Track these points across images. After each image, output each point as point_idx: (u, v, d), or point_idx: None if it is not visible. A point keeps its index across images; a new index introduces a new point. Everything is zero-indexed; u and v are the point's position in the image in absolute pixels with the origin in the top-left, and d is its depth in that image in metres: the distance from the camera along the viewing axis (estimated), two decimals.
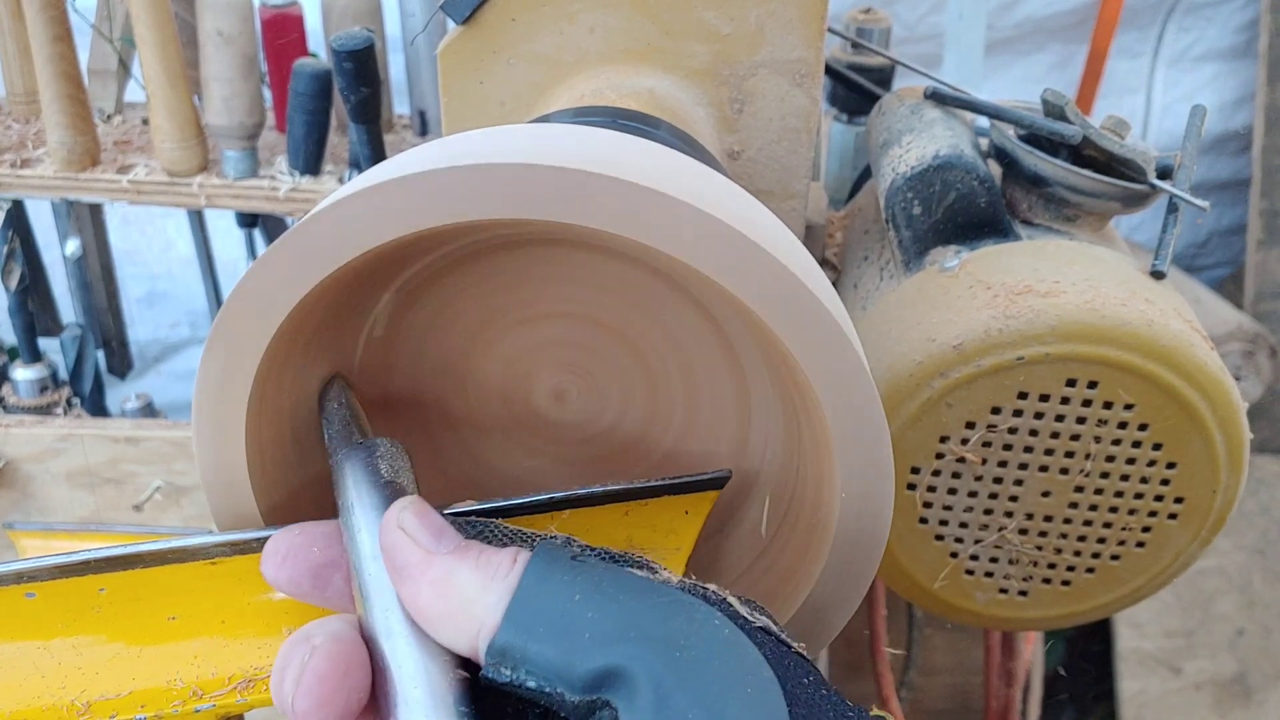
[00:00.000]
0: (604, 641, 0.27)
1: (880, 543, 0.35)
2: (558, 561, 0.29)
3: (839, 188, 0.88)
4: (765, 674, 0.27)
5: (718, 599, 0.30)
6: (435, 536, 0.30)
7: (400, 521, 0.31)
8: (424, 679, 0.29)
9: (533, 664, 0.28)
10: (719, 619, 0.28)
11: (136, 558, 0.33)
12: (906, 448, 0.54)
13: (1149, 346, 0.51)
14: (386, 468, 0.34)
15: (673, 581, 0.30)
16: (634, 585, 0.29)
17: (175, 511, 0.93)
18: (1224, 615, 1.47)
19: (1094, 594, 0.58)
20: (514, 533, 0.33)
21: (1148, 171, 0.57)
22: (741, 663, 0.27)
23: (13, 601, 0.33)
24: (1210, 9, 1.60)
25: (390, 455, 0.35)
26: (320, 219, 0.30)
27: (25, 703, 0.33)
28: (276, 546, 0.33)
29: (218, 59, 0.88)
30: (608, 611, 0.28)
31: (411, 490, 0.34)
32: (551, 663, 0.27)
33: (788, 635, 0.30)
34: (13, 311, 0.99)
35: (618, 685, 0.27)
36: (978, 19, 1.46)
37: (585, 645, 0.27)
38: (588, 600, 0.28)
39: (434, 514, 0.31)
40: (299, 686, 0.29)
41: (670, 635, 0.27)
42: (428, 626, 0.29)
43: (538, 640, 0.28)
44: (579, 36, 0.53)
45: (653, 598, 0.28)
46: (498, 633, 0.28)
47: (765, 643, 0.29)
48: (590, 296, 0.39)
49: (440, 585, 0.29)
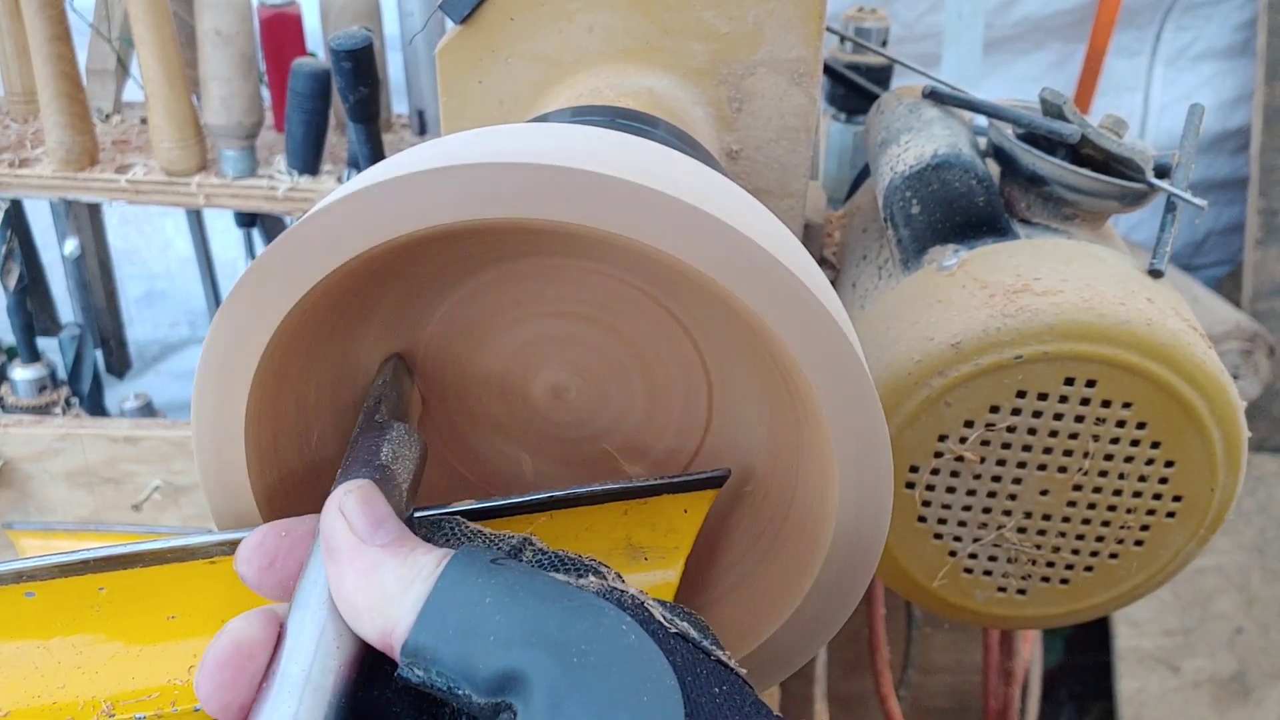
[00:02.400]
0: (506, 644, 0.27)
1: (879, 542, 0.35)
2: (475, 565, 0.29)
3: (837, 187, 0.88)
4: (667, 682, 0.27)
5: (634, 604, 0.30)
6: (373, 526, 0.31)
7: (341, 504, 0.31)
8: (308, 659, 0.29)
9: (442, 665, 0.28)
10: (627, 624, 0.28)
11: (136, 557, 0.33)
12: (905, 446, 0.54)
13: (1147, 345, 0.51)
14: (389, 451, 0.34)
15: (588, 584, 0.30)
16: (545, 590, 0.29)
17: (174, 511, 0.93)
18: (1222, 614, 1.47)
19: (1092, 592, 0.58)
20: (475, 533, 0.33)
21: (1146, 170, 0.57)
22: (642, 669, 0.27)
23: (12, 601, 0.33)
24: (1208, 8, 1.60)
25: (397, 441, 0.35)
26: (319, 218, 0.30)
27: (25, 702, 0.33)
28: (256, 551, 0.32)
29: (216, 58, 0.88)
30: (513, 615, 0.28)
31: (404, 478, 0.34)
32: (458, 664, 0.28)
33: (711, 643, 0.30)
34: (11, 311, 0.99)
35: (518, 688, 0.27)
36: (976, 18, 1.46)
37: (489, 648, 0.27)
38: (497, 603, 0.28)
39: (380, 503, 0.31)
40: (200, 672, 0.29)
41: (570, 640, 0.27)
42: (346, 613, 0.30)
43: (446, 642, 0.28)
44: (577, 36, 0.53)
45: (560, 602, 0.28)
46: (411, 633, 0.28)
47: (678, 650, 0.29)
48: (588, 295, 0.39)
49: (365, 576, 0.29)
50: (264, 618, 0.31)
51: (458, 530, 0.34)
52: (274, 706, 0.29)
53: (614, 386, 0.41)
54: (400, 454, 0.35)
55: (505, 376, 0.41)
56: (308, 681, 0.29)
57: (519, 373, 0.41)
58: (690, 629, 0.30)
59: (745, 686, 0.29)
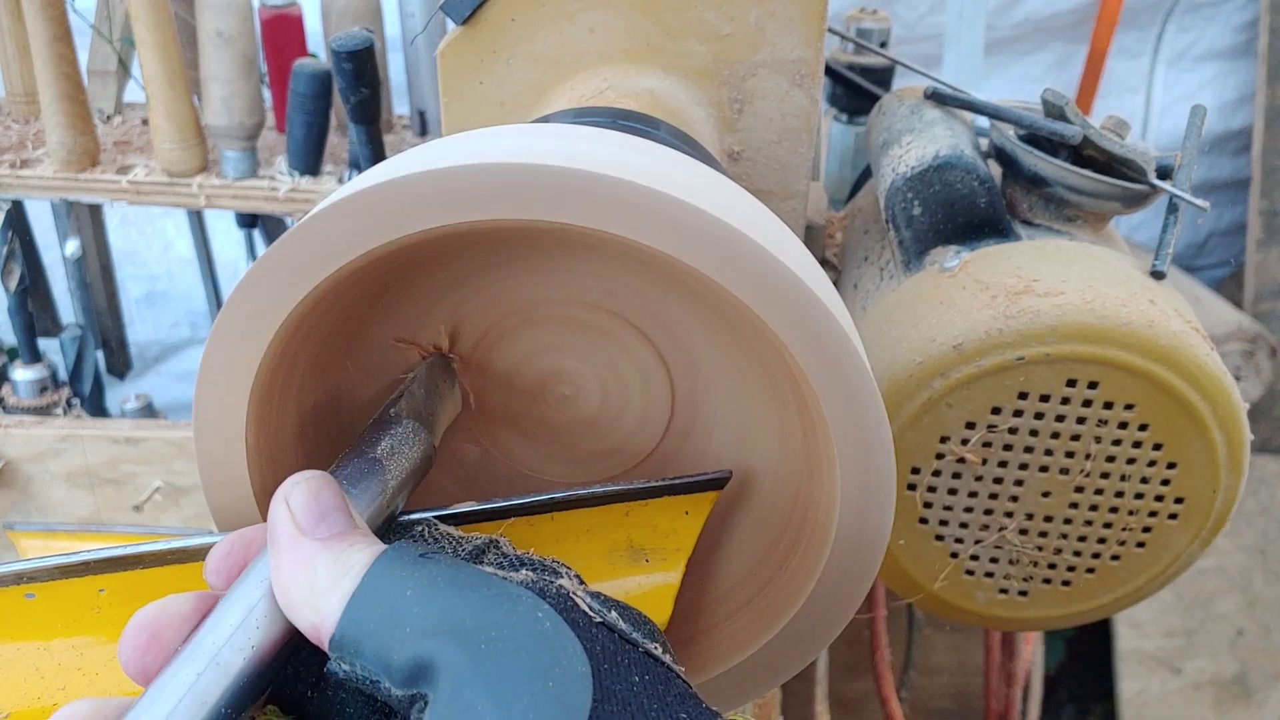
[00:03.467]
0: (420, 635, 0.27)
1: (881, 544, 0.35)
2: (402, 560, 0.29)
3: (839, 188, 0.88)
4: (578, 669, 0.27)
5: (557, 593, 0.30)
6: (315, 520, 0.31)
7: (288, 495, 0.31)
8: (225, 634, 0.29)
9: (364, 658, 0.28)
10: (542, 612, 0.28)
11: (136, 558, 0.33)
12: (907, 448, 0.54)
13: (1149, 347, 0.51)
14: (387, 446, 0.34)
15: (517, 577, 0.30)
16: (466, 580, 0.29)
17: (175, 512, 0.93)
18: (1224, 615, 1.47)
19: (1094, 594, 0.58)
20: (444, 535, 0.34)
21: (1148, 171, 0.57)
22: (552, 656, 0.27)
23: (13, 602, 0.33)
24: (1210, 9, 1.60)
25: (401, 437, 0.35)
26: (320, 219, 0.30)
27: (25, 703, 0.33)
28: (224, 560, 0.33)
29: (217, 59, 0.88)
30: (430, 606, 0.28)
31: (396, 474, 0.34)
32: (378, 656, 0.28)
33: (644, 636, 0.30)
34: (12, 312, 0.99)
35: (429, 678, 0.27)
36: (977, 19, 1.46)
37: (404, 639, 0.28)
38: (417, 595, 0.28)
39: (329, 495, 0.31)
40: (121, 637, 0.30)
41: (480, 628, 0.27)
42: (283, 604, 0.30)
43: (368, 635, 0.28)
44: (579, 36, 0.53)
45: (478, 591, 0.28)
46: (337, 626, 0.28)
47: (599, 638, 0.29)
48: (588, 296, 0.39)
49: (300, 569, 0.30)
50: (198, 597, 0.31)
51: (429, 533, 0.34)
52: (173, 673, 0.29)
53: (615, 386, 0.41)
54: (399, 450, 0.35)
55: (512, 377, 0.41)
56: (216, 655, 0.29)
57: (523, 372, 0.41)
58: (619, 620, 0.30)
59: (674, 678, 0.29)
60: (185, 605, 0.30)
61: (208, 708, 0.28)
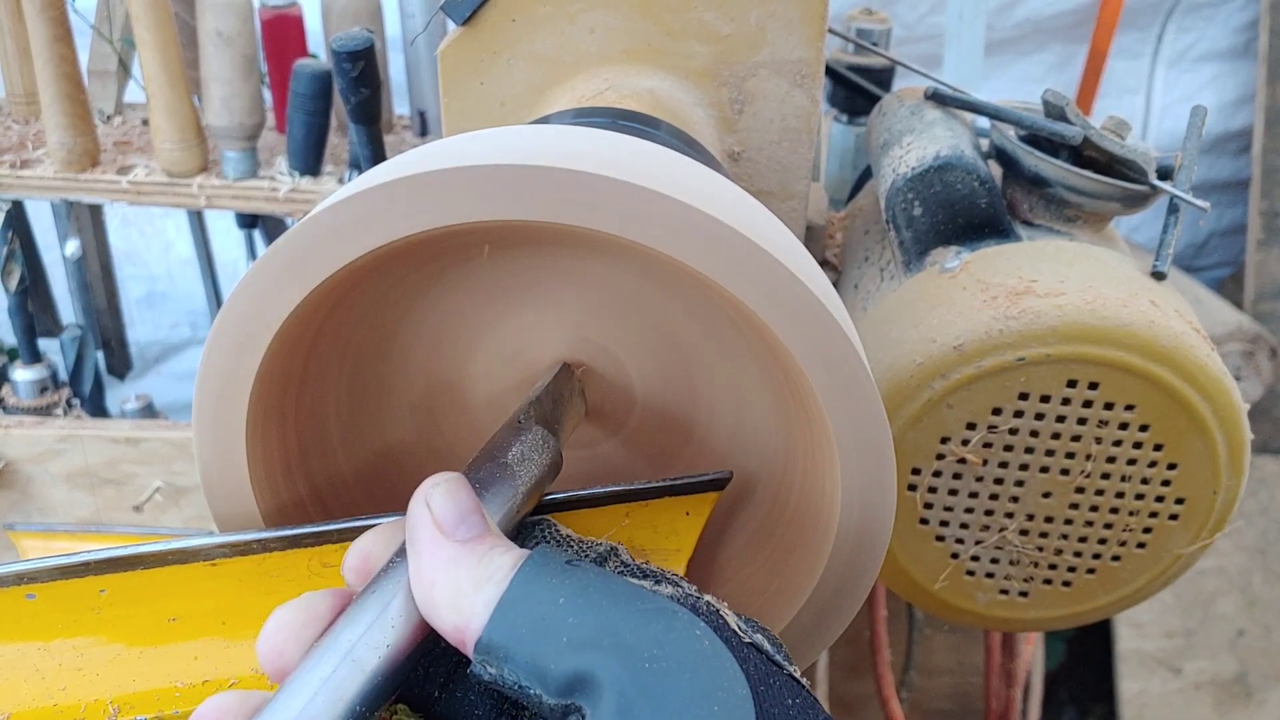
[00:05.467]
0: (578, 646, 0.27)
1: (882, 545, 0.35)
2: (550, 566, 0.29)
3: (839, 188, 0.88)
4: (739, 691, 0.27)
5: (709, 610, 0.29)
6: (456, 521, 0.31)
7: (428, 496, 0.31)
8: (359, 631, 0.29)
9: (514, 664, 0.28)
10: (700, 630, 0.28)
11: (137, 559, 0.33)
12: (907, 448, 0.54)
13: (1150, 347, 0.51)
14: (517, 452, 0.35)
15: (664, 591, 0.30)
16: (619, 592, 0.29)
17: (175, 512, 0.93)
18: (1224, 615, 1.47)
19: (1095, 595, 0.58)
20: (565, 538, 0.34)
21: (1148, 172, 0.57)
22: (714, 677, 0.27)
23: (13, 603, 0.33)
24: (1210, 9, 1.60)
25: (530, 444, 0.35)
26: (320, 220, 0.30)
27: (25, 704, 0.33)
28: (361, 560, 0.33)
29: (217, 60, 0.88)
30: (585, 617, 0.28)
31: (525, 481, 0.34)
32: (531, 664, 0.28)
33: (783, 657, 0.30)
34: (12, 312, 0.99)
35: (587, 690, 0.27)
36: (978, 19, 1.46)
37: (561, 649, 0.27)
38: (570, 604, 0.28)
39: (467, 497, 0.31)
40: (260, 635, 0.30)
41: (642, 644, 0.27)
42: (423, 605, 0.30)
43: (519, 641, 0.28)
44: (579, 37, 0.53)
45: (634, 605, 0.28)
46: (485, 630, 0.28)
47: (751, 659, 0.28)
48: (588, 297, 0.39)
49: (443, 570, 0.29)
50: (337, 594, 0.31)
51: (548, 533, 0.34)
52: (309, 668, 0.28)
53: (617, 387, 0.41)
54: (528, 457, 0.35)
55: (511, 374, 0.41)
56: (351, 651, 0.29)
57: (524, 370, 0.41)
58: (764, 641, 0.30)
59: (818, 705, 0.29)
60: (325, 603, 0.30)
61: (343, 704, 0.28)
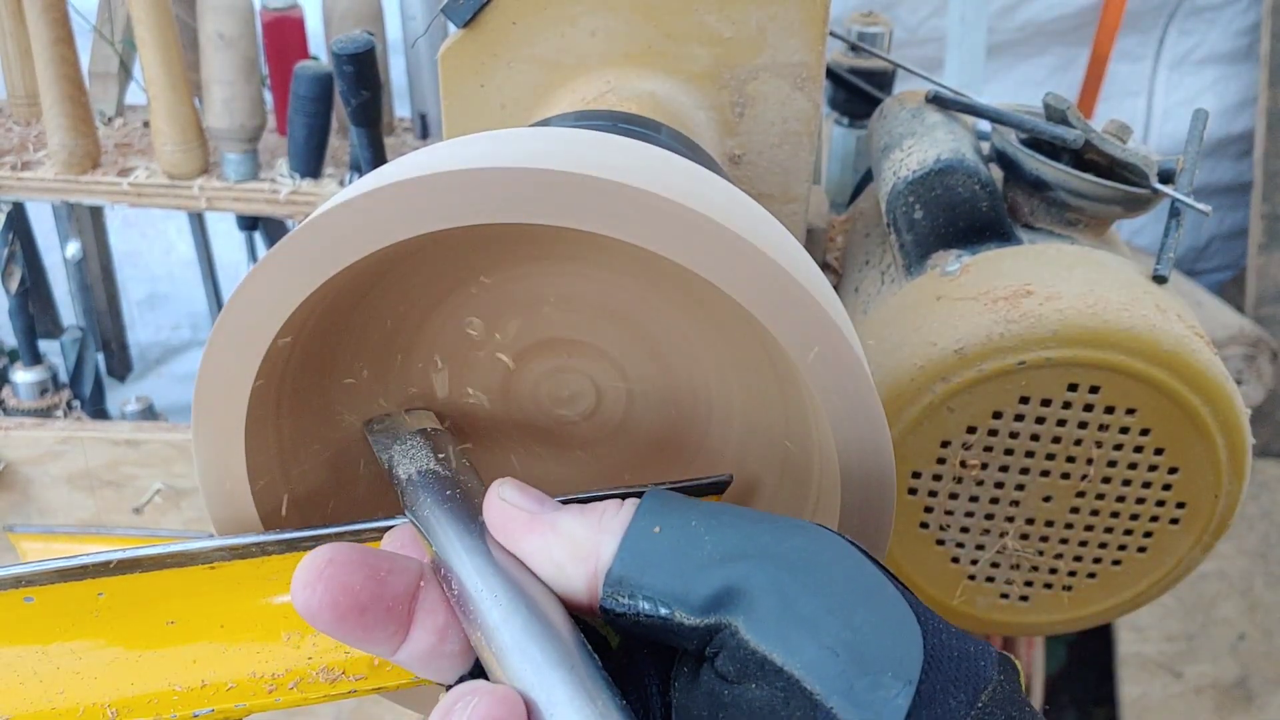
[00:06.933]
0: (722, 561, 0.27)
1: (882, 548, 0.35)
2: (670, 500, 0.30)
3: (840, 191, 0.87)
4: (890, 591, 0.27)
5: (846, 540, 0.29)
6: (538, 501, 0.31)
7: (501, 495, 0.32)
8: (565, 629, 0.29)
9: (649, 590, 0.28)
10: (845, 542, 0.28)
11: (135, 562, 0.33)
12: (907, 452, 0.53)
13: (1151, 351, 0.51)
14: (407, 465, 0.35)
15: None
16: (750, 514, 0.29)
17: (175, 514, 0.93)
18: (1225, 619, 1.47)
19: (1096, 599, 0.58)
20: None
21: (1149, 175, 0.57)
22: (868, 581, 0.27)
23: (11, 606, 0.33)
24: (1212, 12, 1.59)
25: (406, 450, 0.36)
26: (321, 222, 0.30)
27: (24, 708, 0.33)
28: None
29: (218, 61, 0.88)
30: (724, 534, 0.28)
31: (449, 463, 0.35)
32: (669, 587, 0.27)
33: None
34: (13, 314, 0.99)
35: (737, 602, 0.26)
36: (979, 22, 1.46)
37: (703, 565, 0.27)
38: (704, 525, 0.28)
39: (531, 489, 0.32)
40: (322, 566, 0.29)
41: (790, 552, 0.27)
42: (548, 575, 0.30)
43: (654, 567, 0.28)
44: (580, 39, 0.53)
45: (771, 522, 0.28)
46: (613, 565, 0.28)
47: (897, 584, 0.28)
48: (589, 298, 0.39)
49: (551, 535, 0.30)
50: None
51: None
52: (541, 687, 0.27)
53: (617, 390, 0.41)
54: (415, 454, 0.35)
55: (509, 378, 0.41)
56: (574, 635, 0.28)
57: (522, 374, 0.41)
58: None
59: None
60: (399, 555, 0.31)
61: (591, 683, 0.27)
